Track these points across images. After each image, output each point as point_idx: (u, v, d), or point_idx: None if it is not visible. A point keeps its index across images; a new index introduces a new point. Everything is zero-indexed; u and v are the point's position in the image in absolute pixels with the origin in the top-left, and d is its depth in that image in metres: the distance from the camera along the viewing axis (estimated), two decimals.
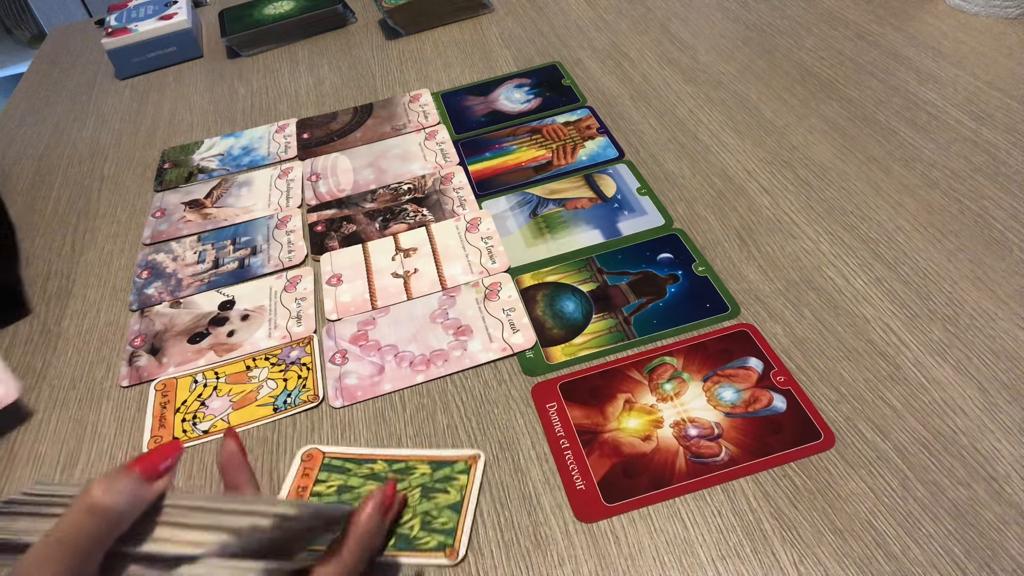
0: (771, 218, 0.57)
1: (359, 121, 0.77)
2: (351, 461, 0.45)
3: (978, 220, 0.54)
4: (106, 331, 0.58)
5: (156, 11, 0.97)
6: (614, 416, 0.45)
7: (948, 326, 0.47)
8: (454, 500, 0.42)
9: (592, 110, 0.72)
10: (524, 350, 0.50)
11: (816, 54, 0.75)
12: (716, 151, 0.64)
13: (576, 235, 0.58)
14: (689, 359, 0.48)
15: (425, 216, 0.63)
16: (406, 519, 0.41)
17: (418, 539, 0.40)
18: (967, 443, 0.41)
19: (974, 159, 0.59)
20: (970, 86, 0.67)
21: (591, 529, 0.40)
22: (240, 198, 0.69)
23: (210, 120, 0.83)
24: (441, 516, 0.41)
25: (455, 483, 0.43)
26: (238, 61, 0.94)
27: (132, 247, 0.66)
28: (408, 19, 0.91)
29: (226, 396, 0.51)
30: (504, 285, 0.55)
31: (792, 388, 0.45)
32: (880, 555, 0.37)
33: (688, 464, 0.42)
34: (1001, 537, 0.37)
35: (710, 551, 0.38)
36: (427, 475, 0.43)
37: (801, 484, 0.40)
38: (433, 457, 0.44)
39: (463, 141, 0.71)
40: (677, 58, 0.78)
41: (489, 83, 0.79)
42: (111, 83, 0.95)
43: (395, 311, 0.55)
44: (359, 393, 0.49)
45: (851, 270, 0.52)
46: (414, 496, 0.42)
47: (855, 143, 0.62)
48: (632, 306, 0.52)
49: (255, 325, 0.56)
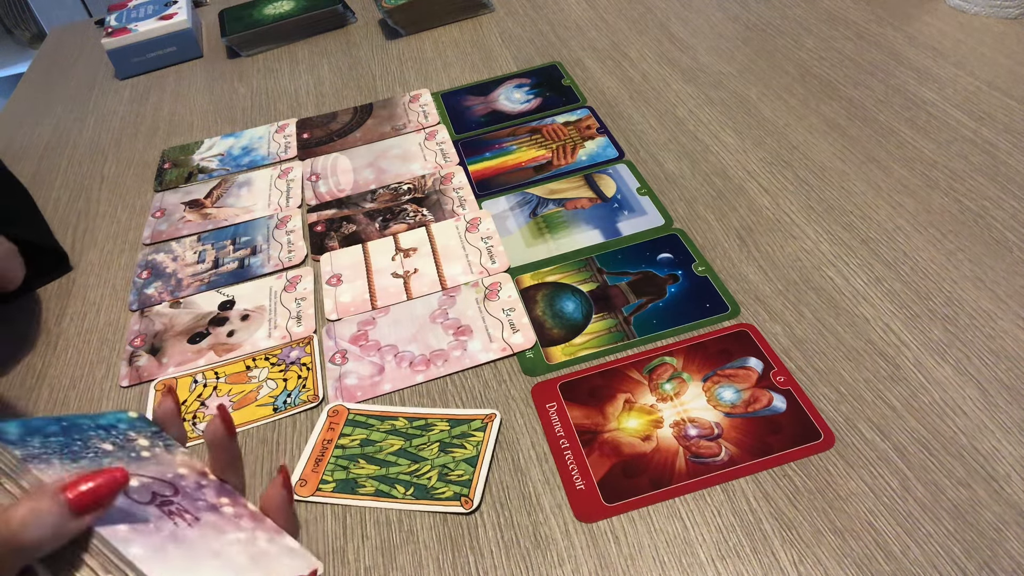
0: (771, 218, 0.57)
1: (359, 121, 0.77)
2: (374, 418, 0.47)
3: (978, 220, 0.54)
4: (106, 331, 0.58)
5: (156, 11, 0.97)
6: (614, 416, 0.45)
7: (948, 326, 0.47)
8: (470, 455, 0.44)
9: (592, 110, 0.72)
10: (524, 350, 0.50)
11: (816, 54, 0.75)
12: (716, 151, 0.64)
13: (576, 235, 0.58)
14: (689, 359, 0.48)
15: (425, 216, 0.63)
16: (424, 471, 0.44)
17: (436, 489, 0.43)
18: (967, 443, 0.41)
19: (974, 159, 0.59)
20: (970, 86, 0.67)
21: (591, 529, 0.40)
22: (240, 198, 0.69)
23: (210, 120, 0.83)
24: (457, 469, 0.44)
25: (472, 439, 0.45)
26: (238, 61, 0.94)
27: (132, 247, 0.66)
28: (408, 19, 0.91)
29: (226, 396, 0.51)
30: (504, 285, 0.55)
31: (792, 388, 0.45)
32: (880, 555, 0.37)
33: (688, 464, 0.42)
34: (1001, 537, 0.37)
35: (710, 551, 0.38)
36: (445, 431, 0.46)
37: (801, 484, 0.40)
38: (451, 415, 0.47)
39: (463, 141, 0.71)
40: (677, 58, 0.78)
41: (489, 83, 0.79)
42: (111, 83, 0.95)
43: (395, 311, 0.55)
44: (359, 393, 0.49)
45: (851, 270, 0.52)
46: (432, 450, 0.45)
47: (855, 143, 0.62)
48: (632, 306, 0.52)
49: (255, 325, 0.56)
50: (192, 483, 0.32)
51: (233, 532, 0.31)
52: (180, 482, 0.32)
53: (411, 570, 0.40)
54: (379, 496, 0.43)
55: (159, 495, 0.30)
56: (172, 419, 0.35)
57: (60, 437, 0.29)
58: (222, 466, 0.34)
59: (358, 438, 0.46)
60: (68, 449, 0.29)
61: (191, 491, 0.32)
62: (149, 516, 0.29)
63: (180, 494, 0.31)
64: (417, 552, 0.40)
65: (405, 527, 0.42)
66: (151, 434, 0.33)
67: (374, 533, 0.42)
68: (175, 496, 0.31)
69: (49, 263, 0.64)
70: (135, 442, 0.32)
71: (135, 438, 0.32)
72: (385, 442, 0.46)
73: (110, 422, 0.32)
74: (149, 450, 0.32)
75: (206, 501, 0.32)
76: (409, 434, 0.46)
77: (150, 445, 0.32)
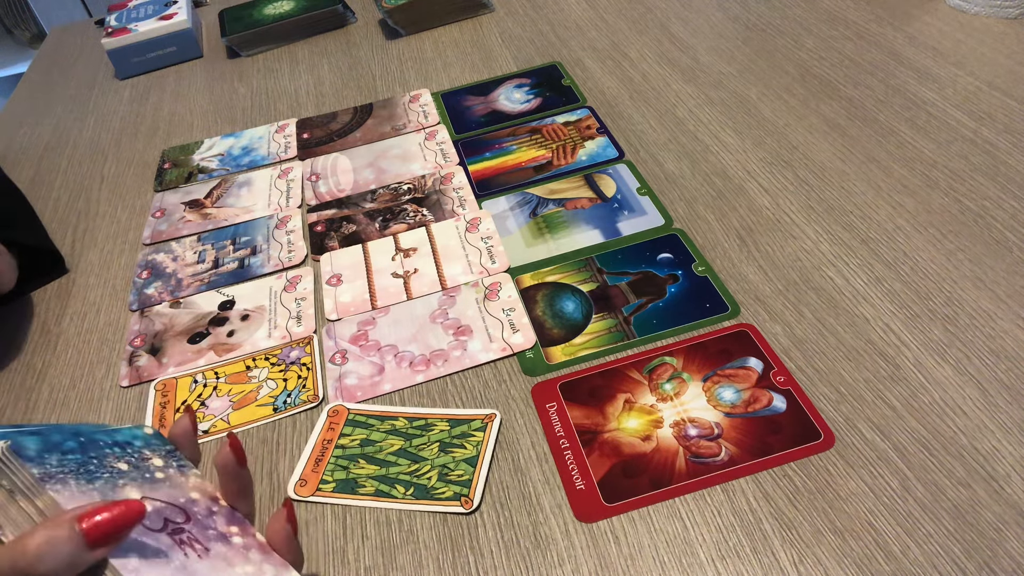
0: (771, 218, 0.57)
1: (359, 121, 0.77)
2: (374, 417, 0.47)
3: (978, 220, 0.54)
4: (106, 331, 0.58)
5: (156, 11, 0.97)
6: (614, 416, 0.45)
7: (948, 326, 0.47)
8: (470, 455, 0.44)
9: (592, 110, 0.72)
10: (524, 350, 0.50)
11: (816, 54, 0.75)
12: (716, 151, 0.64)
13: (576, 235, 0.58)
14: (689, 359, 0.48)
15: (425, 216, 0.63)
16: (424, 471, 0.43)
17: (436, 489, 0.43)
18: (967, 443, 0.41)
19: (974, 159, 0.59)
20: (970, 86, 0.67)
21: (591, 529, 0.40)
22: (240, 198, 0.69)
23: (210, 120, 0.83)
24: (457, 468, 0.44)
25: (471, 439, 0.45)
26: (238, 61, 0.94)
27: (132, 247, 0.66)
28: (408, 19, 0.91)
29: (226, 396, 0.51)
30: (504, 285, 0.55)
31: (792, 388, 0.45)
32: (880, 555, 0.37)
33: (688, 464, 0.42)
34: (1001, 537, 0.37)
35: (710, 551, 0.38)
36: (445, 431, 0.46)
37: (801, 484, 0.40)
38: (451, 415, 0.47)
39: (463, 141, 0.71)
40: (677, 58, 0.78)
41: (489, 83, 0.79)
42: (111, 83, 0.95)
43: (395, 311, 0.55)
44: (359, 393, 0.49)
45: (851, 270, 0.52)
46: (432, 450, 0.45)
47: (855, 143, 0.62)
48: (632, 306, 0.52)
49: (255, 325, 0.56)
50: (204, 509, 0.32)
51: (241, 565, 0.31)
52: (192, 507, 0.31)
53: (411, 570, 0.40)
54: (379, 496, 0.43)
55: (171, 522, 0.30)
56: (188, 438, 0.34)
57: (77, 455, 0.29)
58: (233, 494, 0.34)
59: (358, 438, 0.46)
60: (84, 468, 0.29)
61: (202, 518, 0.31)
62: (161, 546, 0.28)
63: (192, 521, 0.31)
64: (417, 552, 0.40)
65: (405, 527, 0.42)
66: (165, 453, 0.33)
67: (374, 533, 0.42)
68: (186, 524, 0.30)
69: (45, 265, 0.64)
70: (149, 462, 0.32)
71: (150, 457, 0.32)
72: (385, 442, 0.46)
73: (126, 439, 0.32)
74: (163, 471, 0.32)
75: (216, 530, 0.32)
76: (409, 434, 0.46)
77: (164, 466, 0.32)
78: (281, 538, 0.34)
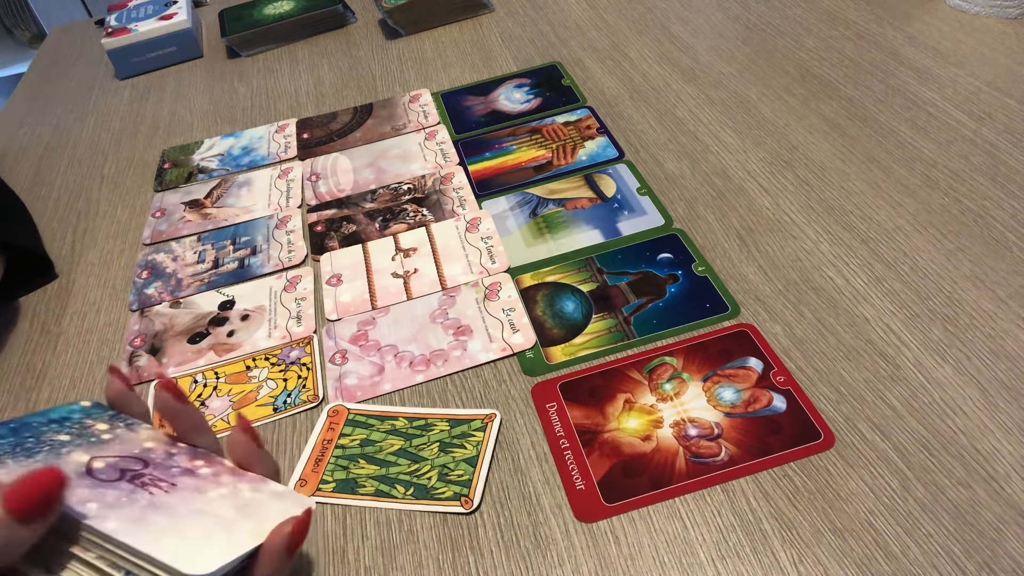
0: (771, 218, 0.57)
1: (359, 121, 0.77)
2: (374, 417, 0.47)
3: (978, 220, 0.54)
4: (106, 331, 0.58)
5: (156, 11, 0.97)
6: (614, 416, 0.45)
7: (948, 326, 0.47)
8: (470, 455, 0.44)
9: (592, 110, 0.72)
10: (524, 350, 0.50)
11: (816, 54, 0.75)
12: (716, 151, 0.64)
13: (576, 235, 0.58)
14: (689, 359, 0.48)
15: (425, 216, 0.63)
16: (424, 471, 0.43)
17: (436, 489, 0.43)
18: (967, 443, 0.41)
19: (974, 159, 0.59)
20: (970, 86, 0.67)
21: (591, 529, 0.40)
22: (240, 198, 0.69)
23: (210, 120, 0.83)
24: (457, 469, 0.44)
25: (471, 439, 0.45)
26: (238, 61, 0.94)
27: (132, 247, 0.66)
28: (408, 19, 0.91)
29: (226, 396, 0.51)
30: (504, 285, 0.55)
31: (792, 388, 0.45)
32: (880, 555, 0.37)
33: (688, 464, 0.42)
34: (1001, 537, 0.37)
35: (710, 551, 0.38)
36: (445, 431, 0.46)
37: (801, 484, 0.40)
38: (451, 415, 0.47)
39: (463, 141, 0.71)
40: (677, 58, 0.78)
41: (489, 83, 0.79)
42: (111, 83, 0.95)
43: (395, 311, 0.55)
44: (359, 393, 0.49)
45: (851, 270, 0.52)
46: (432, 450, 0.45)
47: (855, 143, 0.62)
48: (632, 306, 0.52)
49: (255, 325, 0.56)
50: (162, 453, 0.32)
51: (214, 489, 0.31)
52: (149, 455, 0.32)
53: (411, 570, 0.40)
54: (379, 496, 0.43)
55: (128, 471, 0.30)
56: (126, 398, 0.34)
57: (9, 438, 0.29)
58: (187, 432, 0.34)
59: (358, 438, 0.46)
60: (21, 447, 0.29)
61: (162, 461, 0.32)
62: (120, 491, 0.29)
63: (151, 466, 0.31)
64: (417, 552, 0.40)
65: (405, 527, 0.42)
66: (108, 418, 0.33)
67: (374, 533, 0.42)
68: (145, 469, 0.31)
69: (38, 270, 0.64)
70: (92, 428, 0.32)
71: (92, 424, 0.32)
72: (385, 442, 0.46)
73: (63, 415, 0.32)
74: (110, 432, 0.32)
75: (180, 467, 0.32)
76: (409, 434, 0.46)
77: (110, 428, 0.32)
78: (244, 452, 0.33)
